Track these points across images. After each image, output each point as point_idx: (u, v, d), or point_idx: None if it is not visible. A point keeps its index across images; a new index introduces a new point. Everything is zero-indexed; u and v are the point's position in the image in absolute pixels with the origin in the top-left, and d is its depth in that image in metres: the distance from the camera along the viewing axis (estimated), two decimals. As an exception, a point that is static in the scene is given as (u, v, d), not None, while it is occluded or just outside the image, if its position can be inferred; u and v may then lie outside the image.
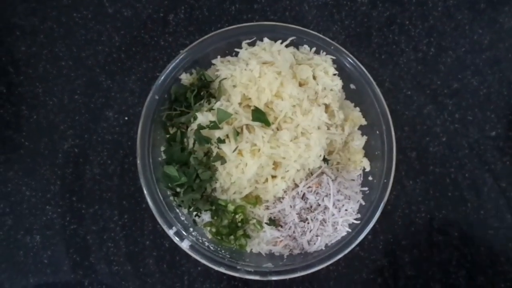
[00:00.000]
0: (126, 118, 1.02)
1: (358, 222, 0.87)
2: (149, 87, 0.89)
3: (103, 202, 0.98)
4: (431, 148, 1.05)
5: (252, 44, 0.94)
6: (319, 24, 1.08)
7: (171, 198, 0.88)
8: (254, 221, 0.88)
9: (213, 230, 0.88)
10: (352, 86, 0.95)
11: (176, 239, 0.84)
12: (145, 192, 0.85)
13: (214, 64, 0.94)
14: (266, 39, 0.93)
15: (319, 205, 0.87)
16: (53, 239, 0.97)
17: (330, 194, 0.86)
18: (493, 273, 1.01)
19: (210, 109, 0.86)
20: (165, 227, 0.84)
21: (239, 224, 0.88)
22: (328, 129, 0.90)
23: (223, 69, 0.90)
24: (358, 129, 0.96)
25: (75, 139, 1.00)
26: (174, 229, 0.84)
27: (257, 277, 0.82)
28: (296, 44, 0.94)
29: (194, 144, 0.86)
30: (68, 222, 0.97)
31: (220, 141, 0.84)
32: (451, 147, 1.05)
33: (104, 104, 1.02)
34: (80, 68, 1.03)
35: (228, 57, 0.94)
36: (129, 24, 1.06)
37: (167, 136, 0.91)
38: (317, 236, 0.86)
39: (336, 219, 0.86)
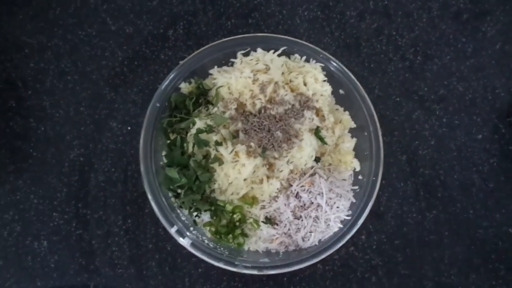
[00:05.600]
0: (129, 128, 1.06)
1: (350, 218, 0.91)
2: (150, 98, 0.91)
3: (108, 208, 1.01)
4: (421, 151, 1.08)
5: (246, 54, 0.98)
6: (310, 37, 1.13)
7: (173, 199, 0.92)
8: (251, 220, 0.91)
9: (213, 229, 0.92)
10: (341, 91, 0.98)
11: (178, 238, 0.87)
12: (148, 194, 0.88)
13: (211, 74, 0.97)
14: (259, 49, 0.96)
15: (312, 203, 0.90)
16: (60, 244, 1.00)
17: (322, 193, 0.89)
18: (484, 270, 1.03)
19: (208, 115, 0.91)
20: (167, 226, 0.87)
21: (237, 224, 0.91)
22: (320, 131, 0.93)
23: (220, 77, 0.94)
24: (348, 131, 0.99)
25: (80, 149, 1.04)
26: (176, 227, 0.87)
27: (254, 272, 0.85)
28: (287, 54, 0.98)
29: (193, 148, 0.90)
30: (74, 228, 1.00)
31: (218, 143, 0.87)
32: (439, 150, 1.09)
33: (108, 115, 1.06)
34: (85, 82, 1.08)
35: (224, 67, 0.98)
36: (131, 40, 1.10)
37: (168, 141, 0.94)
38: (310, 232, 0.89)
39: (328, 216, 0.89)
